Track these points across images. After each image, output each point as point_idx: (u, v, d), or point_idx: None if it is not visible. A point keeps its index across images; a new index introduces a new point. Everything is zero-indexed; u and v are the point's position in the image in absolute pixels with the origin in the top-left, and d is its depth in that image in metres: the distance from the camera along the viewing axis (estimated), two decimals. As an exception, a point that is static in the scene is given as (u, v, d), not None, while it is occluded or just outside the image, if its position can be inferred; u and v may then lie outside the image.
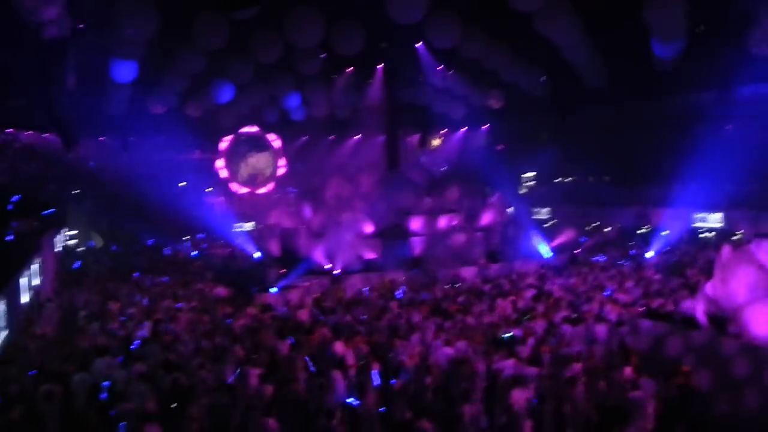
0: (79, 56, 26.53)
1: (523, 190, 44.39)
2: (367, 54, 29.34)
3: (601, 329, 15.71)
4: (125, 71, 25.55)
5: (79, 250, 36.65)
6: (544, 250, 28.99)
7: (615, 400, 11.54)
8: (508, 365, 13.02)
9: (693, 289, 18.70)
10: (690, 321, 14.19)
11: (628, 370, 12.30)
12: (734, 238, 29.06)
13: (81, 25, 23.97)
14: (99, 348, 14.89)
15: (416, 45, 33.20)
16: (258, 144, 47.05)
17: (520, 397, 11.32)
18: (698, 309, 13.87)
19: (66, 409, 11.83)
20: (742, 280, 13.01)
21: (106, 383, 12.56)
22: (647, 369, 12.31)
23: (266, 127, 45.02)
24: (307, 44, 25.76)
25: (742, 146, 28.00)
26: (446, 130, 47.52)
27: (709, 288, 13.88)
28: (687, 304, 15.14)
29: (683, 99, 35.12)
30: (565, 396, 11.60)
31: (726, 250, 14.00)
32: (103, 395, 12.20)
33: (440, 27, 26.06)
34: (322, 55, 30.64)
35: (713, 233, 32.20)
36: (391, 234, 28.32)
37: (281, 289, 23.40)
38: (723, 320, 13.17)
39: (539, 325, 16.47)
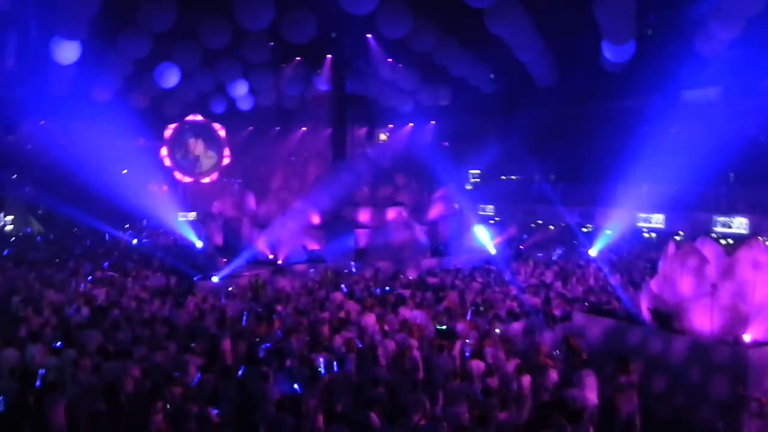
0: (19, 34, 25.75)
1: (468, 187, 44.46)
2: (317, 44, 29.10)
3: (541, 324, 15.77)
4: (68, 51, 24.72)
5: (15, 235, 35.67)
6: (489, 245, 29.08)
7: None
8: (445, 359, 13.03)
9: (636, 286, 18.95)
10: (633, 317, 14.28)
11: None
12: (676, 238, 29.52)
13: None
14: (33, 333, 14.49)
15: (366, 36, 32.96)
16: (203, 133, 46.34)
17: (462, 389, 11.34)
18: (642, 305, 13.97)
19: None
20: (687, 276, 13.14)
21: (41, 371, 12.16)
22: (591, 364, 12.30)
23: (211, 116, 44.32)
24: (255, 28, 25.31)
25: (685, 148, 28.41)
26: (393, 125, 47.39)
27: (653, 284, 13.99)
28: (631, 301, 15.27)
29: (629, 101, 35.59)
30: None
31: (671, 247, 14.17)
32: (37, 382, 11.78)
33: (391, 18, 25.90)
34: (271, 44, 30.26)
35: (654, 234, 32.70)
36: (336, 225, 28.10)
37: (223, 279, 23.04)
38: (667, 316, 13.25)
39: (483, 320, 16.44)
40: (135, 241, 34.92)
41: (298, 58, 36.17)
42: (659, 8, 28.57)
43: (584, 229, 34.85)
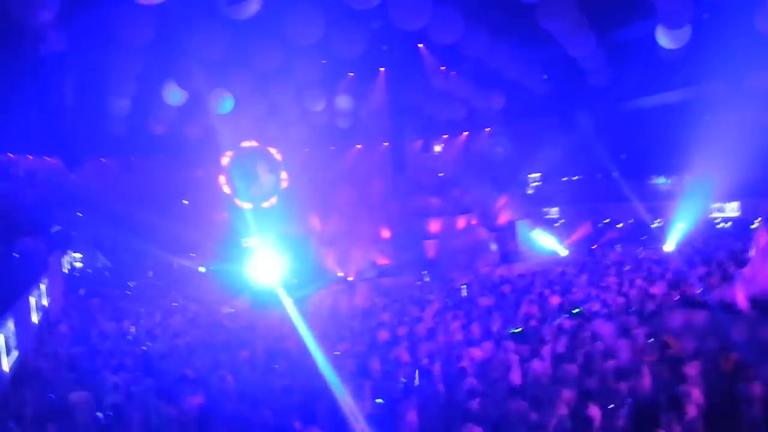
0: (76, 75, 26.18)
1: (530, 191, 43.83)
2: (368, 58, 28.96)
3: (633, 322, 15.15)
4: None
5: (85, 271, 36.18)
6: (559, 247, 28.53)
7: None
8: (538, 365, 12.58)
9: (723, 277, 18.20)
10: (729, 307, 13.66)
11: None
12: (753, 226, 28.50)
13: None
14: (115, 365, 14.49)
15: (417, 46, 32.76)
16: (259, 158, 46.51)
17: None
18: (738, 294, 13.35)
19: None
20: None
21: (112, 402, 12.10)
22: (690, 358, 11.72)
23: (267, 141, 44.47)
24: (306, 43, 25.21)
25: (754, 134, 27.50)
26: (447, 135, 47.06)
27: (747, 271, 13.38)
28: (723, 290, 14.63)
29: (689, 90, 34.68)
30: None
31: (762, 231, 13.54)
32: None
33: (441, 25, 25.59)
34: (323, 61, 30.22)
35: (729, 223, 31.68)
36: (405, 237, 27.84)
37: (297, 301, 22.92)
38: (765, 303, 12.63)
39: (568, 322, 15.93)
40: (203, 269, 35.12)
41: (351, 74, 36.08)
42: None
43: (654, 225, 33.95)
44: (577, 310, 15.67)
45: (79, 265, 37.02)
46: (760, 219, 29.11)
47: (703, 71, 30.70)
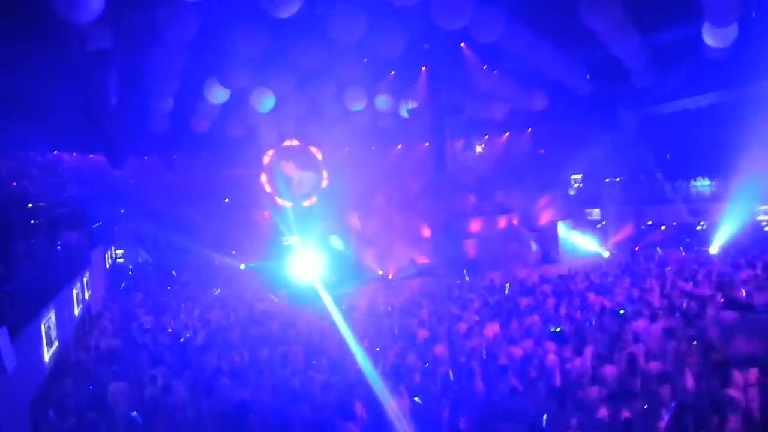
0: (121, 72, 26.49)
1: (572, 192, 43.45)
2: (410, 56, 28.88)
3: (676, 323, 14.89)
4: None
5: (127, 266, 36.71)
6: (600, 248, 28.25)
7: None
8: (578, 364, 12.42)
9: (768, 279, 17.88)
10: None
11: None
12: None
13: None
14: (154, 359, 14.61)
15: (460, 45, 32.62)
16: (300, 157, 46.69)
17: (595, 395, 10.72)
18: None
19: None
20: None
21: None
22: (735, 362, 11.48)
23: (308, 140, 44.65)
24: (347, 42, 25.20)
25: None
26: (489, 135, 46.86)
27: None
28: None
29: (734, 90, 34.09)
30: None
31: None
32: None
33: (483, 23, 25.42)
34: (364, 60, 30.21)
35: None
36: (445, 237, 27.73)
37: (336, 298, 22.95)
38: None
39: (610, 319, 15.73)
40: (243, 266, 35.41)
41: (393, 72, 36.02)
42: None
43: (699, 227, 33.46)
44: (621, 312, 15.42)
45: (121, 260, 37.58)
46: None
47: (749, 71, 30.19)
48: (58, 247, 21.83)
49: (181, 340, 17.46)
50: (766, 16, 27.52)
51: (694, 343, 13.26)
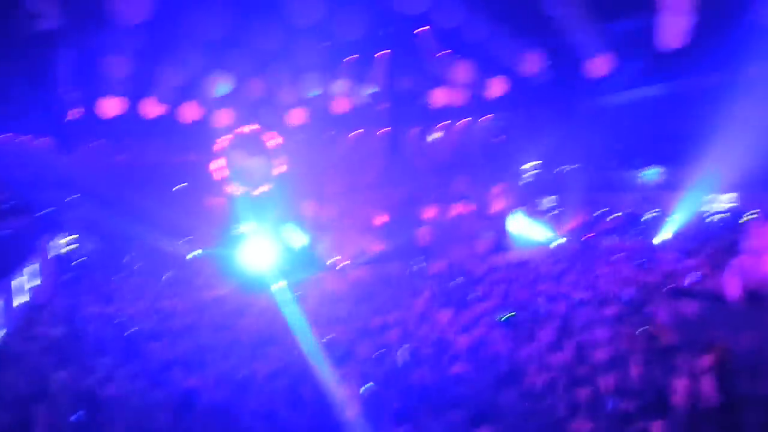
0: (71, 55, 25.96)
1: (526, 180, 43.69)
2: (368, 41, 28.73)
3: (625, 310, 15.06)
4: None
5: (75, 254, 36.00)
6: (554, 237, 28.48)
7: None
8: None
9: (715, 267, 18.10)
10: (719, 296, 13.58)
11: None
12: (743, 219, 28.38)
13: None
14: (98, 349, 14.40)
15: (418, 30, 32.52)
16: (254, 143, 46.24)
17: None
18: (730, 283, 13.26)
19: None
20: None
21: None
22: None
23: (262, 126, 44.24)
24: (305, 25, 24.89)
25: (752, 125, 27.35)
26: (444, 122, 46.86)
27: (739, 262, 13.29)
28: (714, 280, 14.56)
29: (690, 81, 34.49)
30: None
31: (756, 223, 13.46)
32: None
33: (442, 9, 25.39)
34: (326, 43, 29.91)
35: (726, 214, 31.53)
36: (398, 224, 27.74)
37: (288, 286, 22.81)
38: (757, 293, 12.53)
39: (559, 306, 15.86)
40: (194, 254, 34.96)
41: (350, 57, 35.71)
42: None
43: (648, 215, 33.85)
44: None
45: (69, 248, 36.88)
46: (755, 211, 29.08)
47: (701, 63, 30.57)
48: (1, 235, 21.35)
49: (128, 331, 17.16)
50: (717, 10, 27.93)
51: (641, 329, 13.41)
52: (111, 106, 30.08)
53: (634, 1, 25.61)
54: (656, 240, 27.64)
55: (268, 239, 29.51)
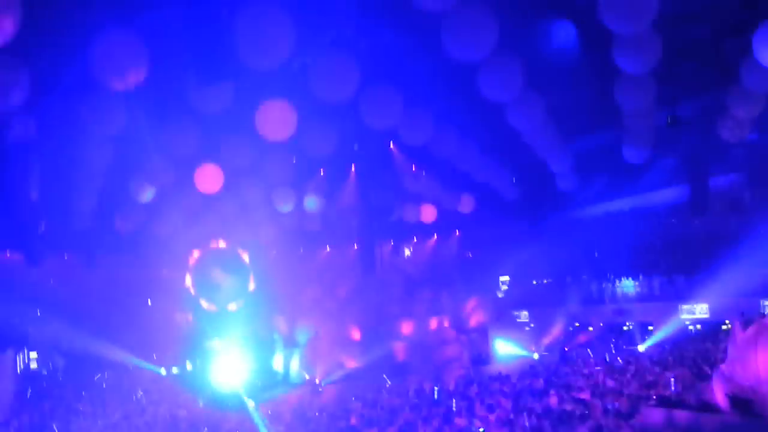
0: (40, 166, 25.76)
1: (500, 294, 43.60)
2: (339, 156, 28.87)
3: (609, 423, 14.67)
4: None
5: (40, 372, 35.01)
6: (531, 350, 28.22)
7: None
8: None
9: (698, 376, 17.93)
10: (707, 405, 13.30)
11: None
12: (723, 327, 28.35)
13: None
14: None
15: (389, 145, 32.83)
16: (227, 259, 45.88)
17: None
18: (716, 391, 13.01)
19: None
20: (763, 354, 12.24)
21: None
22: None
23: (235, 242, 43.94)
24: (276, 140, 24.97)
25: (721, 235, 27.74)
26: (417, 238, 46.95)
27: (725, 368, 13.08)
28: (700, 390, 14.32)
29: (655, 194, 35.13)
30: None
31: (737, 327, 13.33)
32: None
33: (413, 124, 25.62)
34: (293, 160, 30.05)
35: (699, 326, 31.53)
36: (374, 340, 27.32)
37: (260, 403, 22.20)
38: (744, 400, 12.28)
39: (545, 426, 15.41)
40: (164, 371, 34.17)
41: (321, 171, 35.79)
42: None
43: (625, 327, 33.76)
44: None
45: (33, 365, 35.86)
46: (728, 321, 29.12)
47: (667, 176, 31.23)
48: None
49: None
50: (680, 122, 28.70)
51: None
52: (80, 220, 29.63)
53: (599, 117, 26.06)
54: (636, 350, 27.50)
55: (241, 355, 28.91)
